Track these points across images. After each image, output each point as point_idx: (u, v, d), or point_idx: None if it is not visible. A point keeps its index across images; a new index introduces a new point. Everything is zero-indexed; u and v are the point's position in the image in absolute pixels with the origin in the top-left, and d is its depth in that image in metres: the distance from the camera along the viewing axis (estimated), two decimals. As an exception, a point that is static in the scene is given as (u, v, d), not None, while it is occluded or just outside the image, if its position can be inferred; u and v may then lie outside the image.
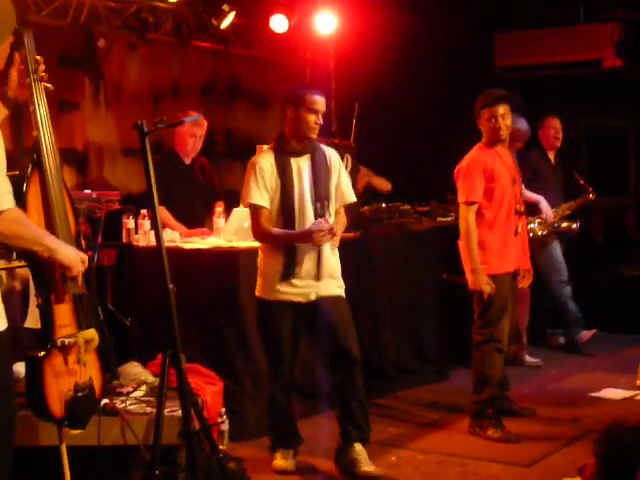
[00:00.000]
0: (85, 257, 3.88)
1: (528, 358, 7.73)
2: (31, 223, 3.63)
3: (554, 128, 8.07)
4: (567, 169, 8.14)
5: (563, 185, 8.12)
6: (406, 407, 6.51)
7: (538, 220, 7.66)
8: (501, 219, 5.81)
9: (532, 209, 7.39)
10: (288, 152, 5.09)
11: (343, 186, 5.21)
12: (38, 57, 3.97)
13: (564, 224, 7.88)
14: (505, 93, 5.87)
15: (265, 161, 5.06)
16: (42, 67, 3.98)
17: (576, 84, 9.07)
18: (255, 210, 5.07)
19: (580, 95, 9.05)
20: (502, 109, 5.76)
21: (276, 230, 5.05)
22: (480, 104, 5.84)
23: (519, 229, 5.90)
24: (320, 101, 5.05)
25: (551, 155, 8.15)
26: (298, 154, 5.09)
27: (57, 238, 3.85)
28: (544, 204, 7.64)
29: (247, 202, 5.09)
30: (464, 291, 5.86)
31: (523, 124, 7.61)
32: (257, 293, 5.18)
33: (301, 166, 5.08)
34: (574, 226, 7.91)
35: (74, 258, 3.80)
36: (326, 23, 9.41)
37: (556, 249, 8.03)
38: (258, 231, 5.11)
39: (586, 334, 8.12)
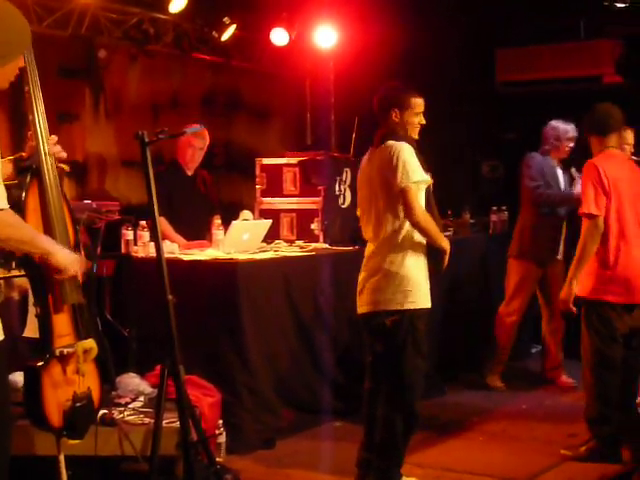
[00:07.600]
0: (82, 258, 3.85)
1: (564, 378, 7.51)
2: (25, 225, 3.56)
3: None
4: None
5: None
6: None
7: None
8: None
9: None
10: None
11: None
12: None
13: None
14: None
15: None
16: None
17: (576, 99, 9.07)
18: None
19: (580, 110, 9.05)
20: None
21: None
22: None
23: None
24: (422, 103, 5.14)
25: None
26: None
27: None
28: None
29: None
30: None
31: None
32: None
33: None
34: None
35: (70, 259, 3.75)
36: (326, 37, 9.48)
37: None
38: None
39: None
